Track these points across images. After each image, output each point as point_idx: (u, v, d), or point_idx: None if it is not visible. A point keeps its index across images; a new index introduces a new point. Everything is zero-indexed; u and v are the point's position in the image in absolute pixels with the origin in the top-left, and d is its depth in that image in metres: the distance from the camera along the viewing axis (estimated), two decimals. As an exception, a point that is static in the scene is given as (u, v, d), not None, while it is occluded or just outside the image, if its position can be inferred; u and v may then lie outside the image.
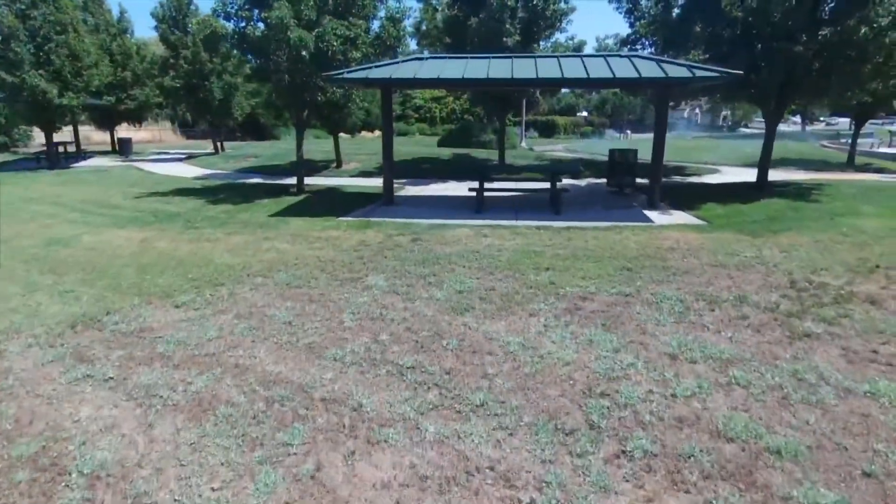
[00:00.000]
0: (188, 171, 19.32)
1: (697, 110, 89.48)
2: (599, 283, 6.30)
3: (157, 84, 24.40)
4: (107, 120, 29.79)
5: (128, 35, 28.45)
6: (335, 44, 11.84)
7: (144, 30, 74.33)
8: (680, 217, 10.13)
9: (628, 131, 58.30)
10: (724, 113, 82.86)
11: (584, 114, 78.92)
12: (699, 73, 9.10)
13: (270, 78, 12.75)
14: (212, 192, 13.80)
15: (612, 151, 13.03)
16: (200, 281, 6.64)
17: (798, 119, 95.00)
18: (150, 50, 27.87)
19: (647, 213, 10.54)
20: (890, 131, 27.34)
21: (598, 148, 31.31)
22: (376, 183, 15.19)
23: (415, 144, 31.99)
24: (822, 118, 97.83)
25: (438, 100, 59.33)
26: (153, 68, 25.02)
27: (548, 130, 57.09)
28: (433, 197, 12.91)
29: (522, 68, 10.02)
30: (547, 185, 11.38)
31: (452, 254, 7.65)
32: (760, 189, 12.47)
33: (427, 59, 10.94)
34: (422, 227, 9.39)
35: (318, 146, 25.84)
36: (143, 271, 7.07)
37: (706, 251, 7.64)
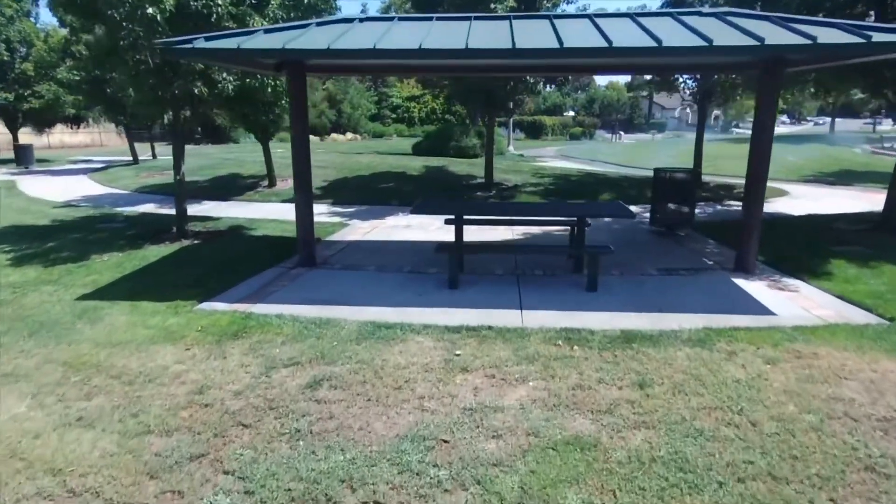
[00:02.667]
0: (74, 191, 14.51)
1: (688, 109, 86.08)
2: None
3: (55, 77, 19.46)
4: (11, 121, 24.68)
5: (31, 19, 23.49)
6: (220, 2, 7.26)
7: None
8: (811, 297, 5.71)
9: (621, 132, 54.36)
10: (715, 113, 79.80)
11: (572, 113, 75.22)
12: (880, 37, 4.67)
13: (127, 59, 8.07)
14: (47, 236, 9.07)
15: (658, 173, 8.62)
16: None
17: (787, 119, 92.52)
18: (60, 37, 22.91)
19: (743, 284, 6.13)
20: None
21: (598, 153, 26.98)
22: (321, 211, 10.65)
23: (387, 149, 27.47)
24: (808, 117, 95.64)
25: (417, 98, 54.97)
26: (54, 58, 20.09)
27: (535, 131, 52.93)
28: (385, 246, 8.34)
29: (531, 34, 5.53)
30: (559, 225, 6.95)
31: (387, 454, 3.14)
32: (893, 229, 8.13)
33: (361, 20, 6.36)
34: (345, 333, 4.86)
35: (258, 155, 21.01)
36: None
37: None
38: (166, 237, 8.69)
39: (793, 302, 5.59)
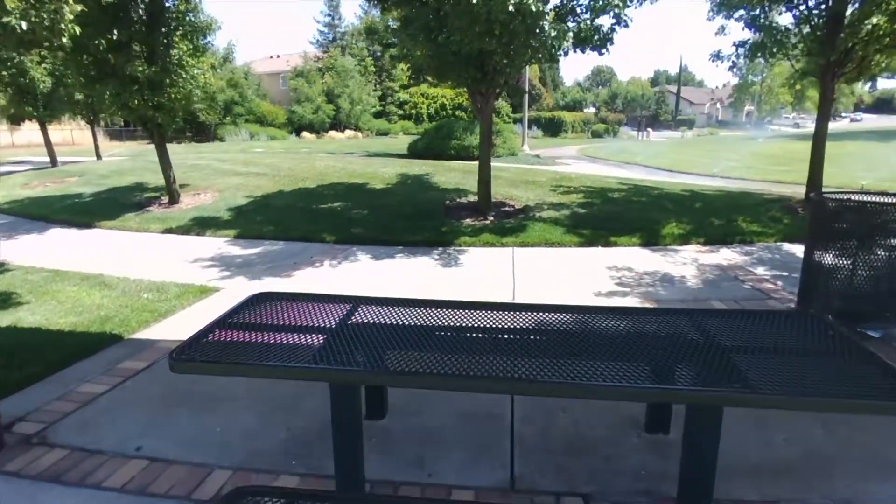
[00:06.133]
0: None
1: (718, 105, 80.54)
2: None
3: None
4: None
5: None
6: None
7: None
8: None
9: (649, 129, 49.30)
10: (747, 108, 74.16)
11: (593, 110, 70.37)
12: None
13: None
14: None
15: (824, 202, 4.08)
16: None
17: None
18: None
19: None
20: None
21: (631, 153, 21.99)
22: (204, 253, 6.23)
23: (382, 149, 23.35)
24: (843, 114, 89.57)
25: (426, 94, 50.67)
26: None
27: (553, 128, 48.35)
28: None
29: None
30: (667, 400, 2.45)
31: None
32: None
33: None
34: None
35: (204, 159, 16.93)
36: None
37: None
38: None
39: None
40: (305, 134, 41.93)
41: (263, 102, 44.04)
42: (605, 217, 7.71)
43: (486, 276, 5.61)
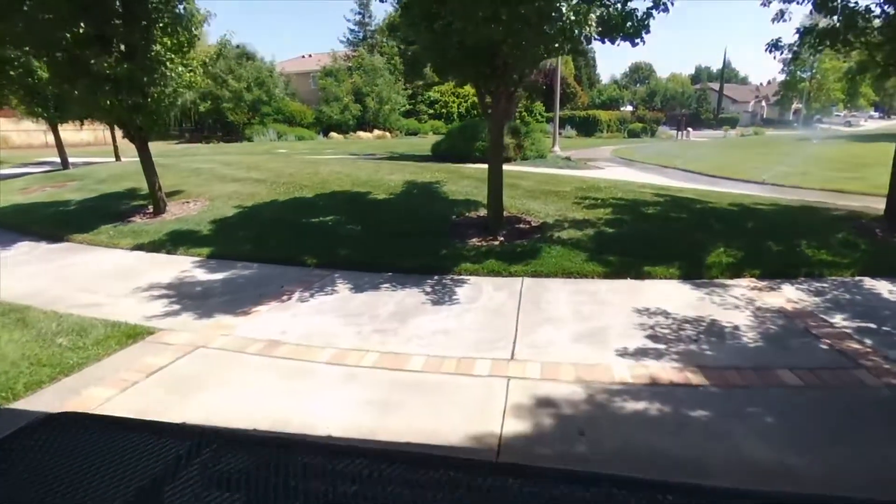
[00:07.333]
0: None
1: (763, 103, 76.87)
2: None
3: None
4: None
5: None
6: None
7: None
8: None
9: (689, 129, 47.00)
10: (795, 106, 70.35)
11: (630, 108, 67.96)
12: None
13: None
14: None
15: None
16: None
17: (875, 113, 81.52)
18: None
19: None
20: None
21: (670, 156, 20.13)
22: (163, 277, 5.26)
23: (408, 150, 22.54)
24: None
25: (456, 93, 49.50)
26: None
27: (588, 127, 46.54)
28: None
29: None
30: None
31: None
32: None
33: None
34: None
35: (214, 163, 16.28)
36: None
37: None
38: None
39: None
40: (333, 134, 41.33)
41: (292, 102, 43.69)
42: (637, 239, 6.48)
43: (483, 317, 4.51)
